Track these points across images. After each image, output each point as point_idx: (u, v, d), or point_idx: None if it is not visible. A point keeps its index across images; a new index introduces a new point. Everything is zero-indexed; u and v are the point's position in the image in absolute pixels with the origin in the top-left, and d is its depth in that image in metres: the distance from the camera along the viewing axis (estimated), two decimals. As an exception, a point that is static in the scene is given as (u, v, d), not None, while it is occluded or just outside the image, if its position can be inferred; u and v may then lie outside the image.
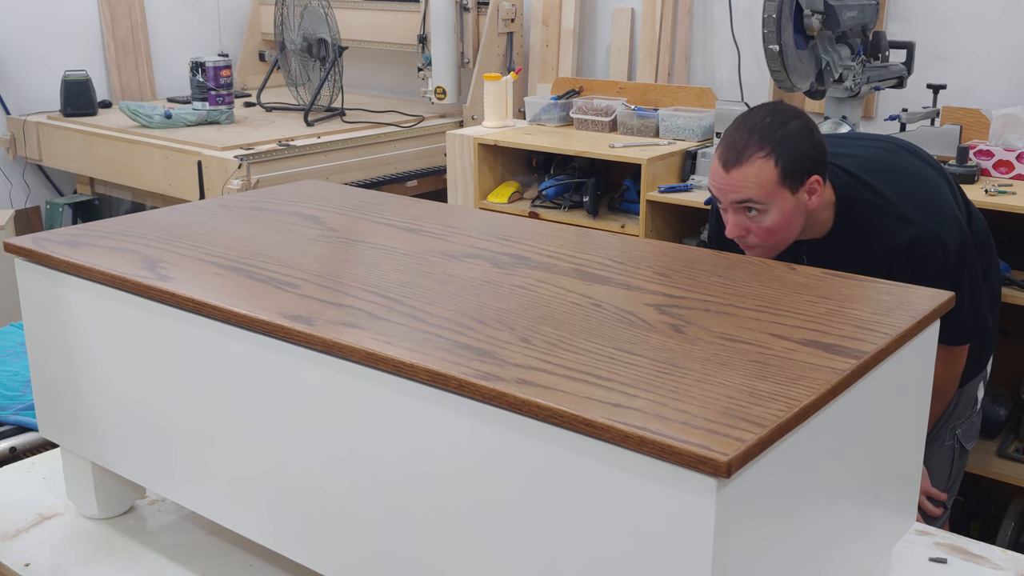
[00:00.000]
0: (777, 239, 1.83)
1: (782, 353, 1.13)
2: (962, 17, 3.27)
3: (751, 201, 1.77)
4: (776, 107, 1.83)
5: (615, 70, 4.03)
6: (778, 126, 1.77)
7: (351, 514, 1.25)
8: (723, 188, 1.79)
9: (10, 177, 4.38)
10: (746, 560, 1.01)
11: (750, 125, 1.78)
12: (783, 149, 1.75)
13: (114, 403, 1.52)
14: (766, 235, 1.81)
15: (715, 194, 1.82)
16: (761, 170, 1.75)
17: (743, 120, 1.81)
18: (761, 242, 1.83)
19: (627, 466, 0.97)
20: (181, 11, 4.85)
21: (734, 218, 1.81)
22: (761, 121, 1.78)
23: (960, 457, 2.19)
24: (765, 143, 1.75)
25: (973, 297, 1.92)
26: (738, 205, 1.79)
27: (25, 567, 1.56)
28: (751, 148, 1.75)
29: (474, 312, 1.25)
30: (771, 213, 1.78)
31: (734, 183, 1.77)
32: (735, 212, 1.81)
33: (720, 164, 1.78)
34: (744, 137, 1.77)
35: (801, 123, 1.80)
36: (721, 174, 1.78)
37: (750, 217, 1.80)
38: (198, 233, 1.60)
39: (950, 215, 1.91)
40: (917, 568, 1.52)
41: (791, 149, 1.76)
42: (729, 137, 1.79)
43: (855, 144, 2.07)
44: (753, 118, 1.80)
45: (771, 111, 1.81)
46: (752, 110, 1.85)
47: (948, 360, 1.95)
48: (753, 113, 1.82)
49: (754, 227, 1.81)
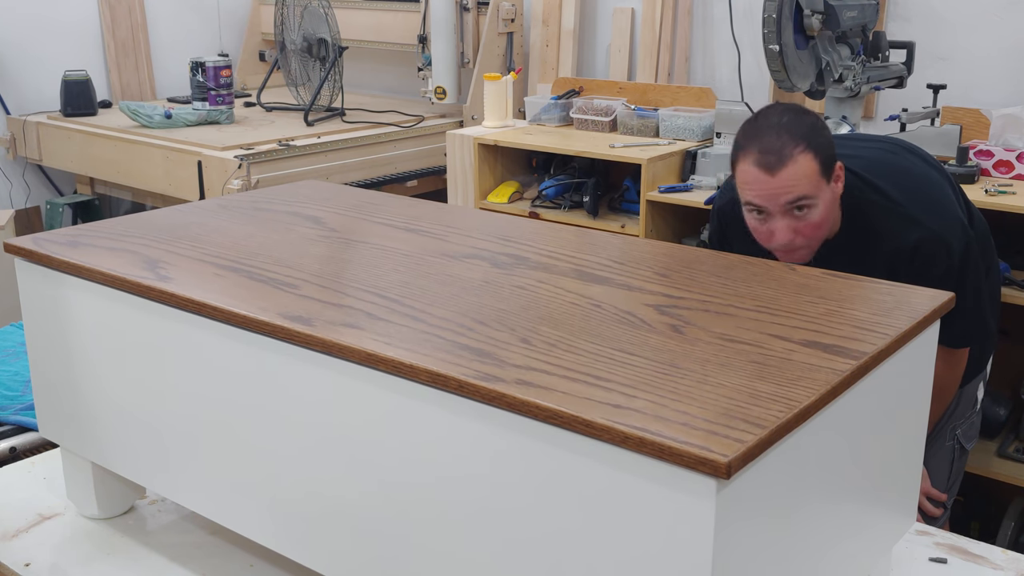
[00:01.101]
0: (822, 234, 1.82)
1: (782, 354, 1.13)
2: (962, 17, 3.27)
3: (804, 198, 1.75)
4: (784, 106, 1.83)
5: (615, 70, 4.03)
6: (800, 120, 1.77)
7: (351, 514, 1.25)
8: (772, 193, 1.76)
9: (10, 177, 4.38)
10: (746, 561, 1.01)
11: (775, 126, 1.77)
12: (815, 141, 1.76)
13: (114, 403, 1.52)
14: (814, 231, 1.80)
15: (760, 202, 1.78)
16: (806, 165, 1.74)
17: (761, 124, 1.79)
18: (808, 240, 1.81)
19: (627, 467, 0.97)
20: (181, 11, 4.85)
21: (783, 222, 1.78)
22: (781, 120, 1.77)
23: (960, 457, 2.20)
24: (798, 138, 1.74)
25: (976, 299, 1.92)
26: (789, 206, 1.77)
27: (25, 567, 1.56)
28: (788, 146, 1.74)
29: (474, 313, 1.25)
30: (818, 207, 1.77)
31: (783, 184, 1.74)
32: (784, 215, 1.78)
33: (762, 170, 1.75)
34: (775, 138, 1.75)
35: (813, 115, 1.81)
36: (766, 179, 1.75)
37: (797, 217, 1.78)
38: (198, 233, 1.60)
39: (955, 217, 1.91)
40: (917, 568, 1.52)
41: (820, 139, 1.77)
42: (757, 143, 1.76)
43: (858, 145, 2.07)
44: (771, 119, 1.79)
45: (784, 109, 1.81)
46: (762, 113, 1.83)
47: (950, 361, 1.95)
48: (767, 116, 1.81)
49: (801, 226, 1.79)
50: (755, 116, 1.84)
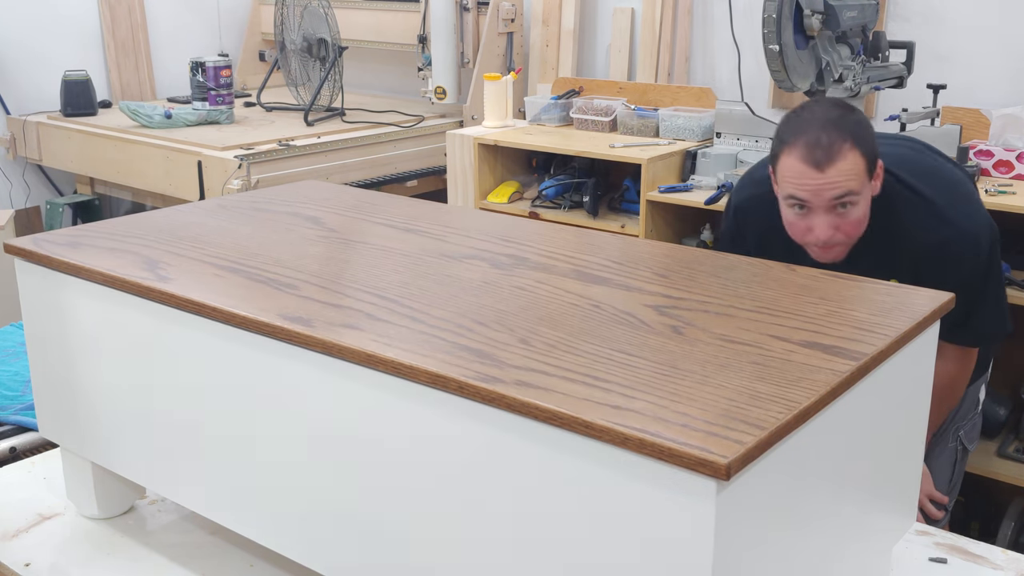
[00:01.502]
0: (860, 231, 1.82)
1: (782, 355, 1.13)
2: (962, 17, 3.27)
3: (850, 195, 1.75)
4: (831, 100, 1.83)
5: (615, 70, 4.03)
6: (847, 117, 1.76)
7: (350, 514, 1.25)
8: (819, 188, 1.75)
9: (10, 177, 4.38)
10: (746, 562, 1.01)
11: (822, 121, 1.75)
12: (861, 138, 1.75)
13: (114, 403, 1.52)
14: (855, 228, 1.80)
15: (805, 197, 1.77)
16: (854, 162, 1.74)
17: (807, 118, 1.78)
18: (848, 237, 1.80)
19: (626, 468, 0.97)
20: (181, 11, 4.85)
21: (825, 219, 1.78)
22: (828, 115, 1.76)
23: (962, 458, 2.20)
24: (846, 135, 1.74)
25: (996, 300, 1.92)
26: (834, 202, 1.76)
27: (25, 567, 1.56)
28: (837, 143, 1.73)
29: (473, 313, 1.25)
30: (859, 205, 1.77)
31: (832, 180, 1.74)
32: (827, 211, 1.77)
33: (810, 166, 1.74)
34: (823, 134, 1.74)
35: (858, 111, 1.81)
36: (814, 175, 1.74)
37: (840, 214, 1.77)
38: (198, 234, 1.60)
39: (983, 215, 1.91)
40: (917, 568, 1.52)
41: (866, 137, 1.76)
42: (803, 137, 1.75)
43: (883, 142, 2.06)
44: (819, 114, 1.77)
45: (832, 104, 1.80)
46: (810, 106, 1.82)
47: (962, 362, 1.95)
48: (812, 110, 1.80)
49: (842, 223, 1.78)
50: (800, 109, 1.83)
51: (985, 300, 1.88)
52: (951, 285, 1.44)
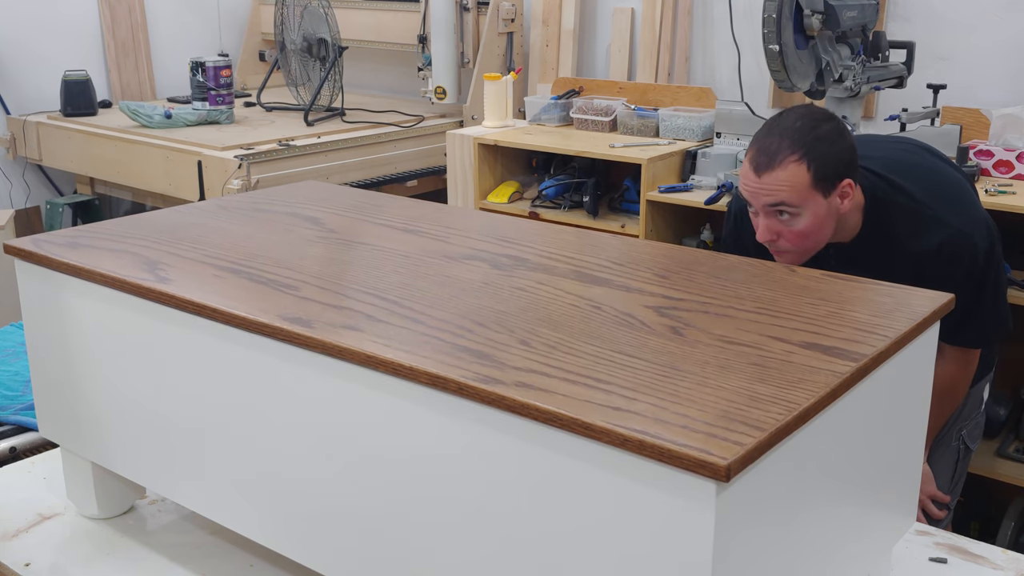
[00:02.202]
0: (809, 244, 1.82)
1: (781, 356, 1.13)
2: (962, 17, 3.27)
3: (784, 204, 1.76)
4: (807, 110, 1.82)
5: (615, 70, 4.03)
6: (809, 129, 1.76)
7: (350, 514, 1.25)
8: (755, 191, 1.78)
9: (10, 177, 4.38)
10: (746, 563, 1.01)
11: (781, 129, 1.77)
12: (815, 153, 1.74)
13: (114, 403, 1.52)
14: (798, 239, 1.80)
15: (747, 197, 1.81)
16: (794, 174, 1.74)
17: (774, 124, 1.80)
18: (793, 247, 1.81)
19: (626, 470, 0.97)
20: (181, 11, 4.85)
21: (765, 222, 1.80)
22: (792, 124, 1.77)
23: (964, 458, 2.19)
24: (797, 147, 1.74)
25: (995, 299, 1.92)
26: (770, 208, 1.78)
27: (25, 567, 1.56)
28: (783, 152, 1.74)
29: (474, 314, 1.25)
30: (803, 217, 1.77)
31: (766, 186, 1.76)
32: (767, 216, 1.79)
33: (752, 168, 1.77)
34: (775, 141, 1.76)
35: (832, 126, 1.79)
36: (753, 178, 1.77)
37: (782, 221, 1.78)
38: (198, 235, 1.61)
39: (980, 216, 1.91)
40: (917, 568, 1.52)
41: (823, 153, 1.75)
42: (760, 141, 1.78)
43: (878, 145, 2.06)
44: (784, 122, 1.79)
45: (802, 114, 1.80)
46: (783, 114, 1.84)
47: (964, 362, 1.95)
48: (784, 117, 1.81)
49: (786, 231, 1.79)
50: (778, 115, 1.85)
51: (984, 300, 1.88)
52: (950, 286, 1.44)
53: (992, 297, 1.90)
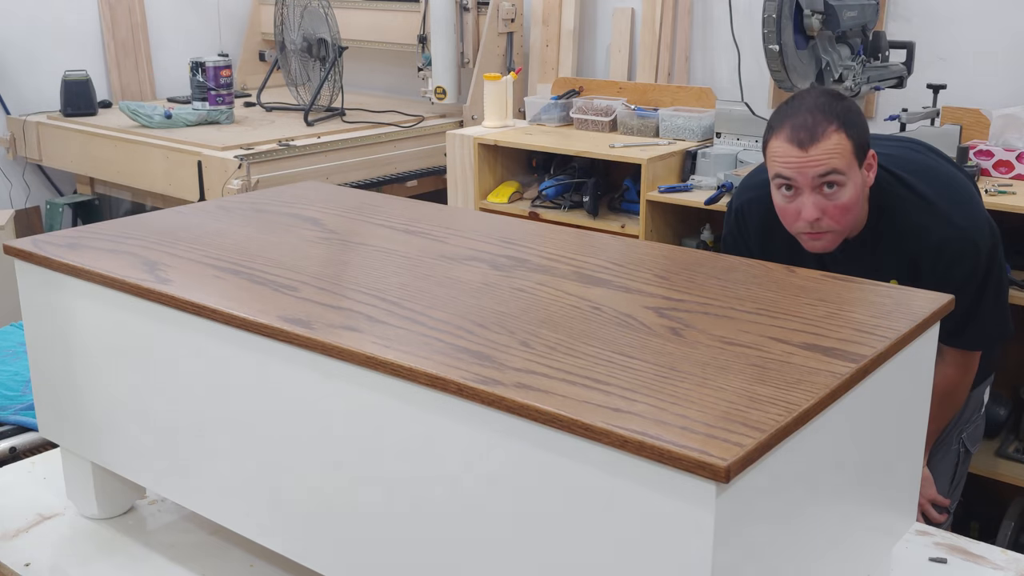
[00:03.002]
0: (850, 219, 1.82)
1: (781, 357, 1.13)
2: (962, 17, 3.27)
3: (835, 172, 1.76)
4: (821, 89, 1.86)
5: (615, 70, 4.03)
6: (837, 102, 1.79)
7: (350, 514, 1.25)
8: (803, 166, 1.77)
9: (10, 177, 4.38)
10: (746, 563, 1.01)
11: (809, 106, 1.79)
12: (850, 122, 1.78)
13: (114, 403, 1.52)
14: (842, 213, 1.80)
15: (791, 175, 1.79)
16: (838, 142, 1.76)
17: (798, 103, 1.81)
18: (836, 223, 1.81)
19: (626, 471, 0.97)
20: (181, 11, 4.85)
21: (812, 198, 1.79)
22: (817, 100, 1.79)
23: (964, 461, 2.19)
24: (833, 118, 1.77)
25: (996, 302, 1.91)
26: (820, 179, 1.77)
27: (25, 567, 1.56)
28: (822, 124, 1.76)
29: (473, 315, 1.25)
30: (848, 188, 1.78)
31: (815, 158, 1.76)
32: (813, 191, 1.79)
33: (795, 145, 1.77)
34: (809, 116, 1.77)
35: (851, 100, 1.83)
36: (798, 153, 1.77)
37: (827, 195, 1.78)
38: (197, 235, 1.61)
39: (982, 216, 1.91)
40: (917, 568, 1.52)
41: (855, 123, 1.79)
42: (791, 120, 1.78)
43: (883, 143, 2.06)
44: (806, 101, 1.81)
45: (822, 92, 1.83)
46: (800, 94, 1.85)
47: (964, 365, 1.95)
48: (805, 97, 1.83)
49: (830, 207, 1.79)
50: (790, 99, 1.86)
51: (985, 302, 1.88)
52: (950, 287, 1.44)
53: (993, 299, 1.90)
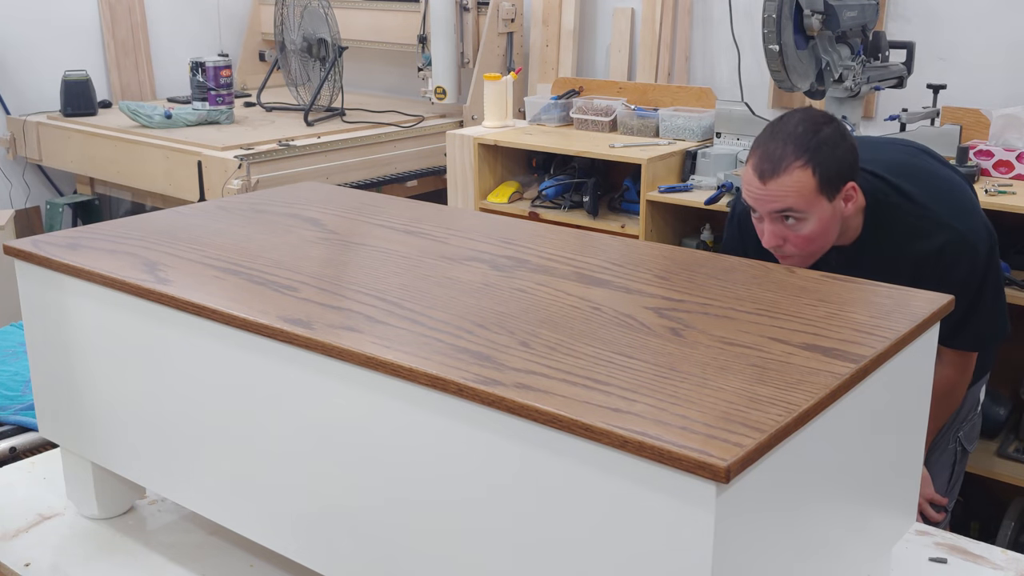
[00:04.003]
0: (815, 247, 1.81)
1: (781, 357, 1.13)
2: (962, 17, 3.27)
3: (791, 210, 1.75)
4: (807, 113, 1.81)
5: (615, 70, 4.03)
6: (812, 134, 1.75)
7: (350, 515, 1.25)
8: (760, 198, 1.77)
9: (10, 177, 4.38)
10: (746, 564, 1.01)
11: (784, 134, 1.76)
12: (820, 157, 1.74)
13: (114, 403, 1.52)
14: (804, 244, 1.79)
15: (751, 204, 1.80)
16: (800, 180, 1.73)
17: (775, 129, 1.79)
18: (799, 251, 1.81)
19: (626, 471, 0.97)
20: (181, 11, 4.85)
21: (771, 227, 1.79)
22: (794, 129, 1.76)
23: (961, 459, 2.19)
24: (801, 152, 1.73)
25: (994, 303, 1.92)
26: (776, 214, 1.77)
27: (25, 567, 1.56)
28: (787, 158, 1.73)
29: (473, 316, 1.25)
30: (809, 222, 1.77)
31: (772, 193, 1.75)
32: (772, 221, 1.79)
33: (756, 175, 1.76)
34: (779, 147, 1.75)
35: (833, 128, 1.78)
36: (758, 185, 1.76)
37: (788, 226, 1.78)
38: (197, 236, 1.61)
39: (979, 219, 1.90)
40: (917, 568, 1.52)
41: (827, 157, 1.74)
42: (762, 147, 1.77)
43: (878, 147, 2.05)
44: (785, 127, 1.78)
45: (802, 118, 1.79)
46: (783, 118, 1.83)
47: (961, 366, 1.95)
48: (784, 121, 1.80)
49: (792, 236, 1.79)
50: (777, 119, 1.84)
51: (983, 304, 1.88)
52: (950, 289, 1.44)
53: (991, 301, 1.90)
